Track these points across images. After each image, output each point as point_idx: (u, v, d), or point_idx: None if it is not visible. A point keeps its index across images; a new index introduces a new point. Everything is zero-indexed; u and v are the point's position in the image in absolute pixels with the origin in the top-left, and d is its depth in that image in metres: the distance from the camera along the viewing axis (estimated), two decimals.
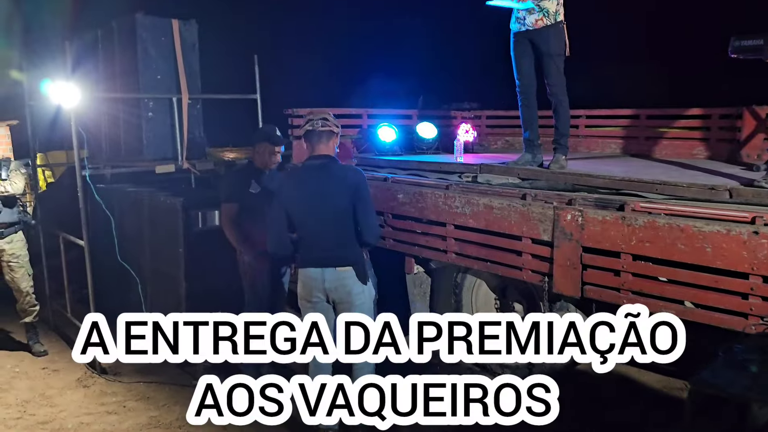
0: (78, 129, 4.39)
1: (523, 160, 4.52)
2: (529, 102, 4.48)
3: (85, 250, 4.63)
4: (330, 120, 3.37)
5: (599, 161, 5.18)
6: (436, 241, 4.41)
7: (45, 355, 5.10)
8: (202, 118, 5.51)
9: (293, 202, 3.32)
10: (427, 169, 4.98)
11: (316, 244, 3.31)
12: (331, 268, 3.27)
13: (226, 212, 4.14)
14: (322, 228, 3.30)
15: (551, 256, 3.66)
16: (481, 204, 4.04)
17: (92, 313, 4.48)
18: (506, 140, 7.32)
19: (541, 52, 4.30)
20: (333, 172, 3.30)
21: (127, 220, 5.31)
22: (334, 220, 3.27)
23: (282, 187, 3.39)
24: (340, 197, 3.24)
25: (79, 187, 4.51)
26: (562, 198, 3.77)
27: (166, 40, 5.15)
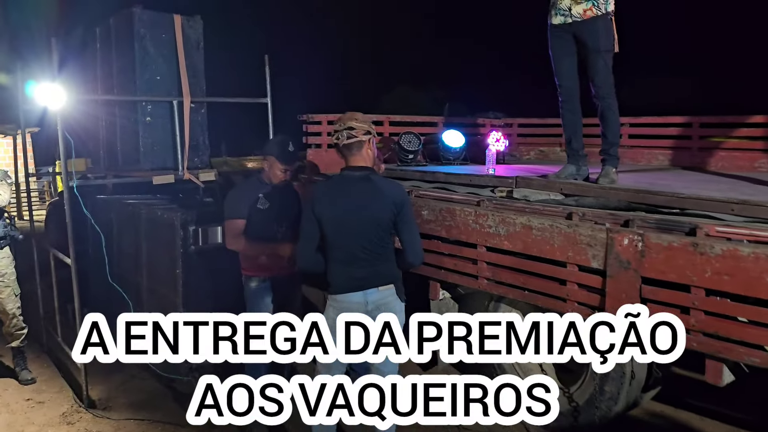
0: (65, 134, 3.92)
1: (566, 172, 3.95)
2: (572, 106, 3.93)
3: (72, 270, 4.15)
4: (356, 128, 2.92)
5: (650, 175, 4.58)
6: (466, 264, 3.88)
7: (32, 383, 4.64)
8: (206, 123, 5.02)
9: (330, 215, 2.91)
10: (456, 182, 4.43)
11: (353, 263, 2.92)
12: (373, 288, 2.92)
13: (230, 230, 3.63)
14: (361, 244, 2.91)
15: (603, 287, 3.12)
16: (518, 224, 3.50)
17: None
18: (540, 150, 6.77)
19: (587, 48, 3.75)
20: (375, 185, 2.94)
21: (124, 235, 4.86)
22: (375, 236, 2.92)
23: (317, 198, 2.94)
24: (383, 212, 2.91)
25: (66, 200, 4.04)
26: (616, 218, 3.21)
27: (168, 37, 4.66)
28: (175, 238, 4.16)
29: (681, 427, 3.85)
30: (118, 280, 4.60)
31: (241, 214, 3.60)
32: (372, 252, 2.93)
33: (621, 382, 3.39)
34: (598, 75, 3.73)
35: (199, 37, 4.87)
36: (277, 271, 3.67)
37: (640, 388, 3.50)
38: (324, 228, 2.90)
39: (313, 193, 2.97)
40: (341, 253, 2.93)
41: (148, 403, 4.29)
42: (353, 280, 2.92)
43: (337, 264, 2.94)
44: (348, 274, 2.92)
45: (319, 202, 2.92)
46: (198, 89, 4.85)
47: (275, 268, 3.66)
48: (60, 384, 4.63)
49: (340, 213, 2.90)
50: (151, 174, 4.60)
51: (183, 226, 4.15)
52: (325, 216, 2.90)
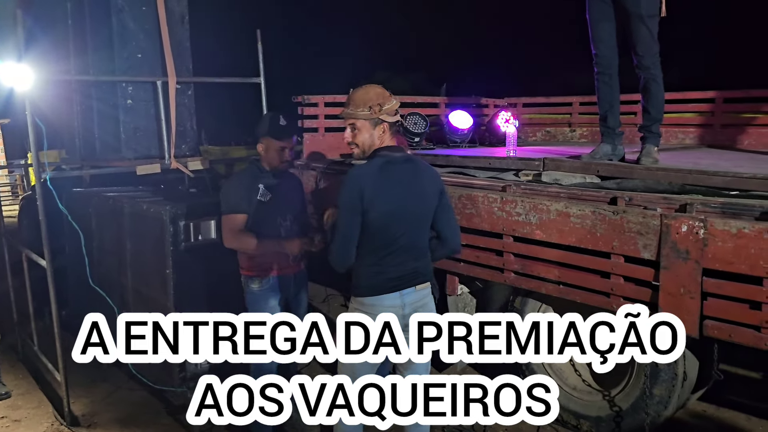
0: (35, 120, 3.45)
1: (601, 152, 3.58)
2: (610, 79, 3.56)
3: (48, 271, 3.70)
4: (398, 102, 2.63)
5: (686, 154, 4.23)
6: (490, 256, 3.53)
7: (7, 398, 4.18)
8: (194, 106, 4.55)
9: (384, 206, 2.48)
10: (472, 166, 4.04)
11: (393, 259, 2.53)
12: (410, 288, 2.57)
13: (229, 226, 3.18)
14: (411, 236, 2.57)
15: (656, 280, 2.79)
16: (552, 210, 3.14)
17: (57, 343, 3.73)
18: (547, 131, 6.41)
19: (628, 13, 3.37)
20: (420, 167, 2.65)
21: (105, 232, 4.40)
22: (426, 226, 2.63)
23: (364, 187, 2.46)
24: (434, 197, 2.63)
25: (39, 194, 3.57)
26: (670, 203, 2.85)
27: (149, 10, 4.17)
28: (164, 234, 3.71)
29: (728, 428, 3.54)
30: (100, 281, 4.15)
31: (241, 209, 3.16)
32: (418, 246, 2.60)
33: (672, 385, 3.06)
34: (640, 43, 3.36)
35: (183, 11, 4.39)
36: (281, 270, 3.25)
37: (690, 390, 3.18)
38: (370, 221, 2.46)
39: (356, 180, 2.48)
40: (381, 249, 2.51)
41: (138, 417, 3.87)
42: (389, 279, 2.53)
43: (370, 261, 2.53)
44: (383, 272, 2.52)
45: (368, 190, 2.44)
46: (184, 69, 4.38)
47: (279, 267, 3.24)
48: (38, 398, 4.18)
49: (396, 202, 2.50)
50: (134, 163, 4.14)
51: (173, 220, 3.70)
52: (376, 207, 2.45)
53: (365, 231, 2.48)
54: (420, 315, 2.54)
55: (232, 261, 3.38)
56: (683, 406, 3.28)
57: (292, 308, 3.37)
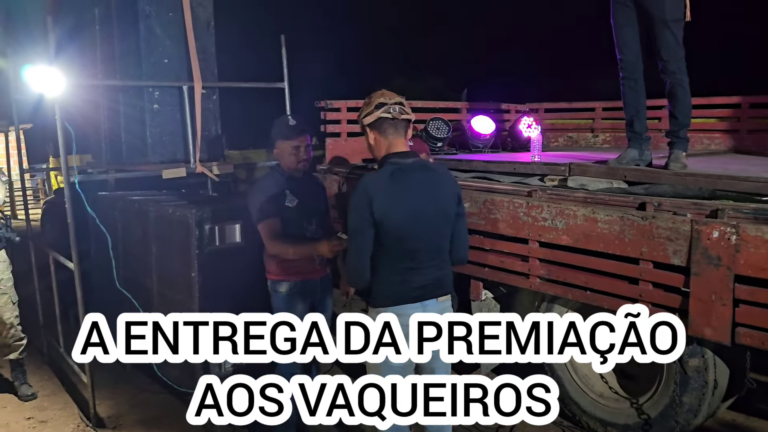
0: (64, 124, 3.50)
1: (628, 157, 3.55)
2: (636, 83, 3.53)
3: (75, 274, 3.74)
4: (405, 104, 2.51)
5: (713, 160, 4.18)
6: (515, 261, 3.52)
7: (33, 399, 4.23)
8: (218, 111, 4.58)
9: (397, 215, 2.40)
10: (497, 171, 4.03)
11: (413, 269, 2.47)
12: (432, 299, 2.51)
13: (269, 232, 3.16)
14: (428, 246, 2.50)
15: (686, 286, 2.76)
16: (579, 216, 3.12)
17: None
18: (569, 136, 6.38)
19: (652, 18, 3.35)
20: (435, 173, 2.56)
21: (130, 235, 4.42)
22: (445, 235, 2.55)
23: (375, 196, 2.39)
24: (450, 205, 2.56)
25: (67, 197, 3.62)
26: (700, 208, 2.81)
27: (175, 16, 4.21)
28: (190, 238, 3.73)
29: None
30: (125, 284, 4.19)
31: (275, 213, 3.17)
32: (438, 255, 2.53)
33: (703, 393, 3.02)
34: (665, 48, 3.33)
35: (209, 17, 4.42)
36: (307, 275, 3.26)
37: (721, 398, 3.13)
38: (385, 231, 2.39)
39: (365, 190, 2.39)
40: (401, 259, 2.45)
41: (162, 419, 3.89)
42: (411, 289, 2.46)
43: (389, 271, 2.46)
44: (405, 282, 2.46)
45: (379, 200, 2.37)
46: (209, 73, 4.41)
47: (306, 271, 3.25)
48: (64, 399, 4.23)
49: (412, 210, 2.41)
50: (160, 167, 4.16)
51: (198, 224, 3.72)
52: (389, 217, 2.38)
53: (382, 241, 2.41)
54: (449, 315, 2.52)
55: (258, 265, 3.40)
56: (713, 414, 3.23)
57: (318, 312, 3.37)
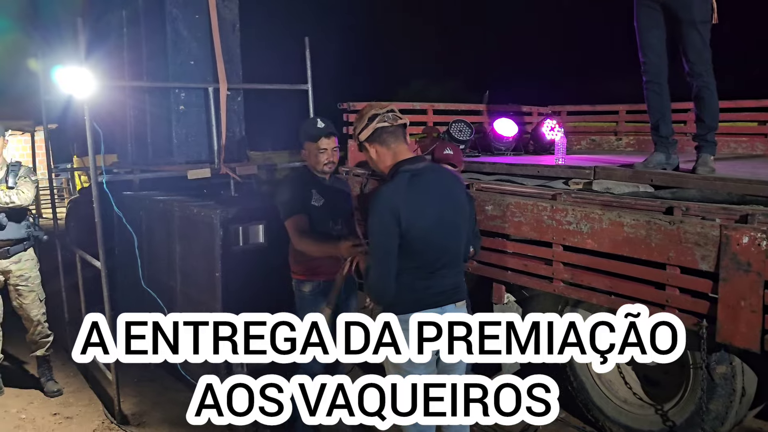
0: (93, 124, 3.55)
1: (655, 161, 3.52)
2: (660, 87, 3.50)
3: (102, 273, 3.79)
4: (397, 111, 2.48)
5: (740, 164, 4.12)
6: (538, 265, 3.50)
7: (59, 396, 4.29)
8: (243, 112, 4.63)
9: (423, 224, 2.35)
10: (520, 174, 4.01)
11: (434, 274, 2.45)
12: (451, 304, 2.51)
13: (296, 228, 3.18)
14: (450, 251, 2.51)
15: (714, 292, 2.73)
16: (605, 220, 3.10)
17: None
18: (591, 140, 6.32)
19: (679, 20, 3.31)
20: (448, 178, 2.56)
21: (154, 235, 4.48)
22: (463, 238, 2.56)
23: (398, 206, 2.31)
24: (466, 206, 2.58)
25: (95, 197, 3.67)
26: (729, 213, 2.78)
27: (201, 18, 4.27)
28: (214, 238, 3.77)
29: None
30: (149, 282, 4.24)
31: (302, 210, 3.20)
32: (457, 260, 2.54)
33: (730, 400, 2.98)
34: (692, 50, 3.30)
35: (235, 19, 4.47)
36: (333, 274, 3.27)
37: (748, 406, 3.09)
38: (410, 241, 2.33)
39: (388, 203, 2.32)
40: (425, 266, 2.42)
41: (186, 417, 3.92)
42: (432, 295, 2.44)
43: (413, 278, 2.41)
44: (428, 289, 2.44)
45: (405, 211, 2.30)
46: (234, 75, 4.45)
47: (331, 271, 3.25)
48: (89, 396, 4.28)
49: (434, 216, 2.39)
50: (185, 168, 4.21)
51: (223, 224, 3.76)
52: (416, 226, 2.32)
53: (406, 251, 2.35)
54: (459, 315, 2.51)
55: (281, 265, 3.42)
56: (740, 422, 3.19)
57: (342, 312, 3.38)
